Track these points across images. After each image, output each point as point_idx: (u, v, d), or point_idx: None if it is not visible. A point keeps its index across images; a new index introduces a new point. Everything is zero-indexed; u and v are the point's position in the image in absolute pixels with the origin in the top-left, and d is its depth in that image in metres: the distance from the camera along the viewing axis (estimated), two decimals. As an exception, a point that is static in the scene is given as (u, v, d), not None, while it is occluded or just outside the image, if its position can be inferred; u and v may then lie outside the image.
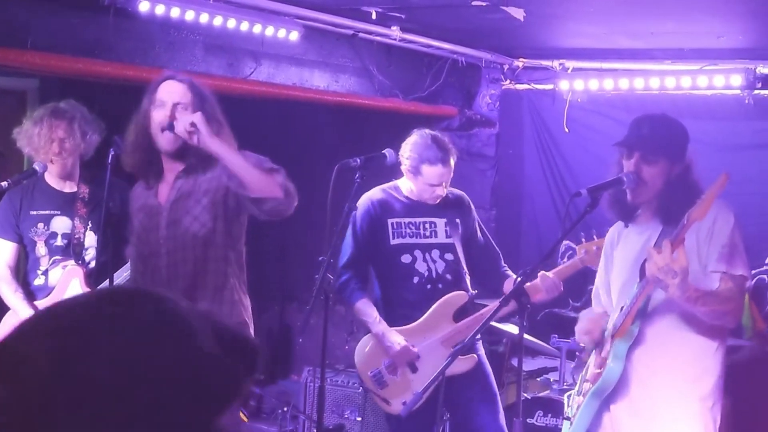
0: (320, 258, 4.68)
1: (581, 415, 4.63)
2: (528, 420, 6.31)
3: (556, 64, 8.34)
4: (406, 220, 5.61)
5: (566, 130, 8.47)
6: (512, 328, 6.52)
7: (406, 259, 5.60)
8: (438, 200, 5.65)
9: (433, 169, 5.56)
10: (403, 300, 5.63)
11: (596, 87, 8.17)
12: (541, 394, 6.70)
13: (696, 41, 7.25)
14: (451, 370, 5.33)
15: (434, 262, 5.62)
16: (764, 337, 6.88)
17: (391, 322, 5.59)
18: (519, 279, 4.43)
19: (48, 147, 5.50)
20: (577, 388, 4.84)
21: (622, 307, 4.49)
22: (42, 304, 5.60)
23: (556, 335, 6.91)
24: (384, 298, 5.69)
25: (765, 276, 7.56)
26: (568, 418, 4.76)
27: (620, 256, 4.70)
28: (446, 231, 5.66)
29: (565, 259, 8.48)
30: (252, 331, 4.67)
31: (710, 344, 4.46)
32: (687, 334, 4.41)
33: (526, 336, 5.23)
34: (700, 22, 6.54)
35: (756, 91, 7.48)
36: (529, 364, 7.29)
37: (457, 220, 5.70)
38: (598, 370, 4.52)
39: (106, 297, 1.36)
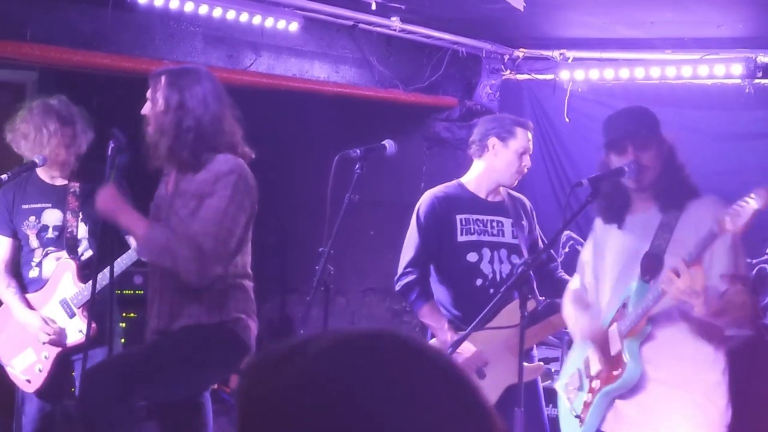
0: (320, 249, 4.67)
1: (593, 415, 4.60)
2: (529, 410, 6.31)
3: (556, 54, 8.33)
4: (474, 216, 5.46)
5: (567, 120, 8.46)
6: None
7: (472, 257, 5.43)
8: (513, 183, 5.53)
9: (525, 134, 5.48)
10: (463, 303, 5.45)
11: (597, 77, 8.16)
12: (542, 384, 6.69)
13: (696, 30, 7.24)
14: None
15: (501, 262, 5.44)
16: (760, 327, 6.88)
17: (452, 324, 5.42)
18: (520, 269, 4.42)
19: (56, 152, 5.48)
20: (578, 383, 4.79)
21: (624, 304, 4.46)
22: (35, 296, 5.62)
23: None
24: (443, 300, 5.52)
25: (766, 265, 7.56)
26: (578, 417, 4.72)
27: (614, 246, 4.67)
28: (513, 231, 5.51)
29: (567, 249, 8.50)
30: (252, 325, 4.65)
31: (713, 338, 4.45)
32: (691, 329, 4.40)
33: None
34: (700, 11, 6.53)
35: (756, 81, 7.47)
36: (531, 355, 7.28)
37: (524, 223, 5.57)
38: (616, 372, 4.46)
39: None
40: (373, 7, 6.89)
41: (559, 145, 8.51)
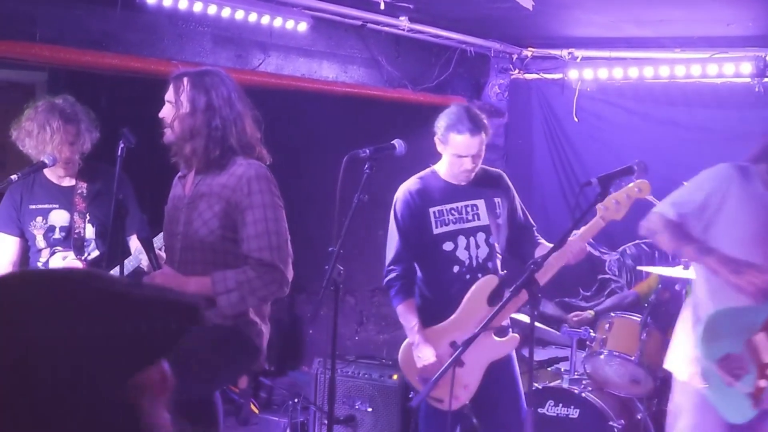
0: (330, 249, 4.67)
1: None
2: (539, 410, 6.30)
3: (565, 53, 8.33)
4: (448, 206, 5.45)
5: (575, 119, 8.46)
6: (523, 317, 6.51)
7: (447, 246, 5.43)
8: (466, 179, 5.48)
9: (460, 138, 5.38)
10: (443, 293, 5.46)
11: (605, 76, 8.16)
12: (552, 384, 6.69)
13: (705, 29, 7.23)
14: (497, 354, 5.35)
15: (478, 247, 5.43)
16: None
17: (432, 317, 5.43)
18: (529, 269, 4.41)
19: (59, 149, 5.49)
20: (737, 367, 4.81)
21: None
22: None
23: (567, 325, 6.90)
24: (425, 293, 5.53)
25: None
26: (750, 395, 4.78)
27: (747, 205, 4.72)
28: (488, 211, 5.50)
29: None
30: (265, 330, 4.64)
31: None
32: None
33: (537, 324, 5.18)
34: (709, 9, 6.52)
35: (766, 79, 7.46)
36: (540, 354, 7.27)
37: (497, 199, 5.54)
38: None
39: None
40: (382, 6, 6.89)
41: (568, 145, 8.51)
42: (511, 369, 5.53)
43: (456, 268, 5.41)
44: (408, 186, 5.54)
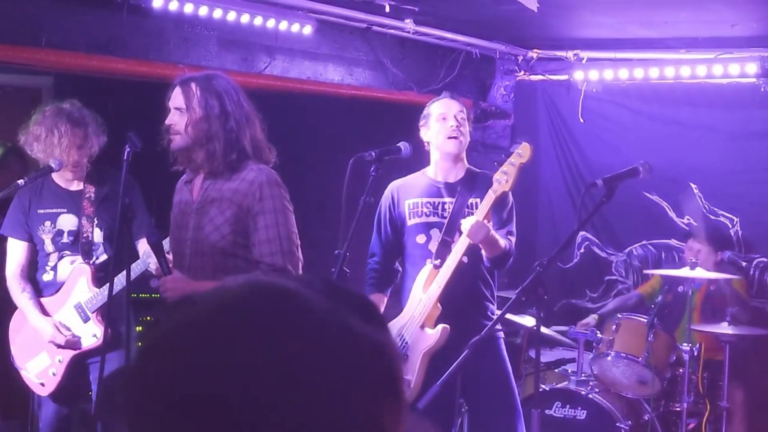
0: (336, 252, 4.68)
1: None
2: (546, 411, 6.30)
3: (570, 54, 8.33)
4: (425, 200, 5.47)
5: (581, 120, 8.46)
6: (529, 320, 6.51)
7: (420, 239, 5.44)
8: (457, 148, 5.44)
9: (438, 102, 5.47)
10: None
11: (611, 77, 8.16)
12: (559, 385, 6.69)
13: (710, 30, 7.23)
14: (426, 344, 5.21)
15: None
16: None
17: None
18: (535, 271, 4.41)
19: (68, 153, 5.50)
20: None
21: None
22: (50, 300, 5.63)
23: (574, 326, 6.90)
24: (402, 286, 5.55)
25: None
26: None
27: None
28: (456, 208, 5.44)
29: (582, 249, 8.50)
30: None
31: None
32: None
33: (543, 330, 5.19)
34: (714, 10, 6.52)
35: (771, 79, 7.47)
36: (547, 356, 7.27)
37: (476, 200, 5.43)
38: None
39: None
40: (387, 9, 6.90)
41: (574, 146, 8.51)
42: (503, 368, 5.50)
43: (429, 261, 5.42)
44: (393, 182, 5.60)
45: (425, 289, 5.25)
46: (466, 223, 5.08)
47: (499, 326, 5.50)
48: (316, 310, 1.17)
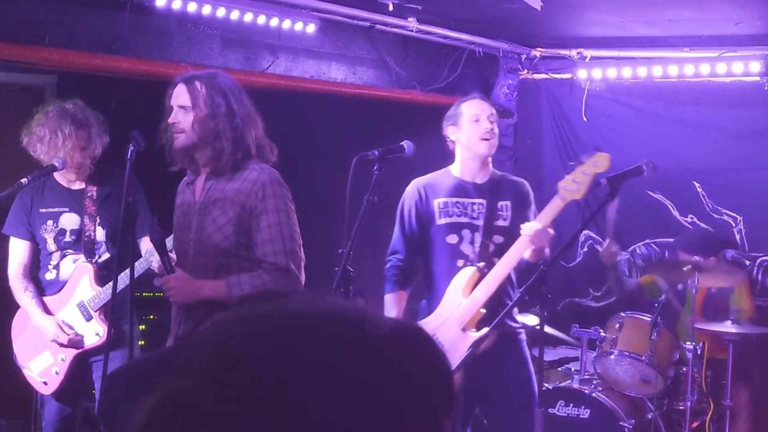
0: (340, 251, 4.67)
1: None
2: (549, 410, 6.29)
3: (573, 53, 8.33)
4: (454, 200, 5.45)
5: (585, 119, 8.45)
6: (532, 319, 6.50)
7: (452, 239, 5.42)
8: (489, 149, 5.47)
9: (470, 102, 5.48)
10: (445, 284, 5.41)
11: (614, 75, 8.16)
12: (562, 384, 6.69)
13: (714, 28, 7.22)
14: (464, 347, 5.25)
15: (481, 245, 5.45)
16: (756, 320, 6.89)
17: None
18: (539, 270, 4.41)
19: (71, 154, 5.50)
20: None
21: None
22: (53, 299, 5.64)
23: (577, 325, 6.89)
24: (431, 287, 5.52)
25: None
26: None
27: None
28: (488, 212, 5.45)
29: (585, 248, 8.49)
30: None
31: None
32: None
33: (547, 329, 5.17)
34: (717, 8, 6.51)
35: (775, 78, 7.47)
36: (550, 354, 7.27)
37: (505, 203, 5.49)
38: None
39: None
40: (390, 8, 6.90)
41: (577, 144, 8.50)
42: (526, 368, 5.49)
43: (461, 262, 5.39)
44: (417, 180, 5.58)
45: (466, 292, 5.24)
46: (528, 229, 5.08)
47: (520, 327, 5.51)
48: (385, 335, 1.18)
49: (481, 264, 5.30)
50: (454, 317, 5.22)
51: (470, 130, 5.44)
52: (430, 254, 5.52)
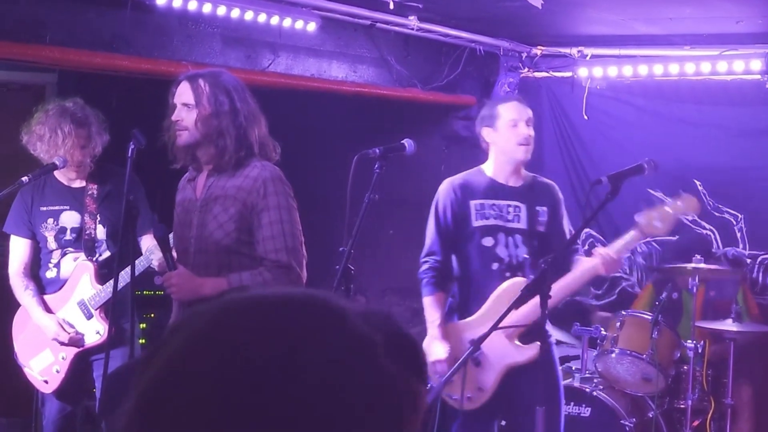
0: (341, 249, 4.66)
1: None
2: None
3: (574, 51, 8.32)
4: (490, 202, 5.44)
5: (585, 117, 8.45)
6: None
7: (487, 242, 5.40)
8: (526, 154, 5.47)
9: (508, 104, 5.49)
10: (481, 290, 5.41)
11: (615, 74, 8.15)
12: (563, 383, 6.68)
13: (715, 26, 7.22)
14: (514, 359, 5.26)
15: (516, 247, 5.39)
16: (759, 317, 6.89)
17: (468, 311, 5.42)
18: (541, 268, 4.40)
19: (71, 153, 5.50)
20: None
21: None
22: (53, 297, 5.65)
23: (578, 323, 6.88)
24: (463, 287, 5.50)
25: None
26: None
27: None
28: (528, 217, 5.44)
29: (586, 246, 8.49)
30: None
31: None
32: None
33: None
34: (718, 6, 6.51)
35: (776, 76, 7.46)
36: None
37: (541, 208, 5.48)
38: None
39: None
40: (391, 6, 6.89)
41: (578, 143, 8.50)
42: (554, 378, 5.47)
43: (495, 265, 5.37)
44: (451, 180, 5.57)
45: (518, 303, 5.08)
46: (603, 257, 5.10)
47: (551, 332, 5.48)
48: (351, 332, 1.17)
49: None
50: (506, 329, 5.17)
51: (508, 134, 5.43)
52: (464, 255, 5.50)
